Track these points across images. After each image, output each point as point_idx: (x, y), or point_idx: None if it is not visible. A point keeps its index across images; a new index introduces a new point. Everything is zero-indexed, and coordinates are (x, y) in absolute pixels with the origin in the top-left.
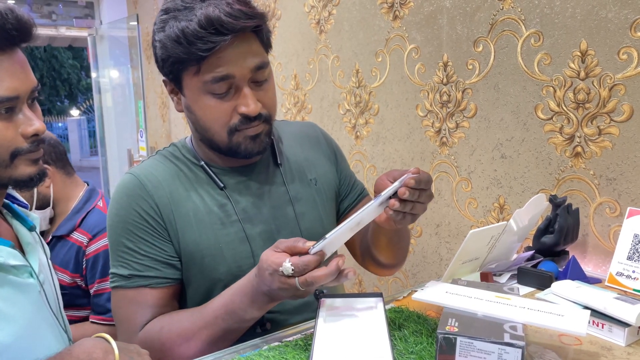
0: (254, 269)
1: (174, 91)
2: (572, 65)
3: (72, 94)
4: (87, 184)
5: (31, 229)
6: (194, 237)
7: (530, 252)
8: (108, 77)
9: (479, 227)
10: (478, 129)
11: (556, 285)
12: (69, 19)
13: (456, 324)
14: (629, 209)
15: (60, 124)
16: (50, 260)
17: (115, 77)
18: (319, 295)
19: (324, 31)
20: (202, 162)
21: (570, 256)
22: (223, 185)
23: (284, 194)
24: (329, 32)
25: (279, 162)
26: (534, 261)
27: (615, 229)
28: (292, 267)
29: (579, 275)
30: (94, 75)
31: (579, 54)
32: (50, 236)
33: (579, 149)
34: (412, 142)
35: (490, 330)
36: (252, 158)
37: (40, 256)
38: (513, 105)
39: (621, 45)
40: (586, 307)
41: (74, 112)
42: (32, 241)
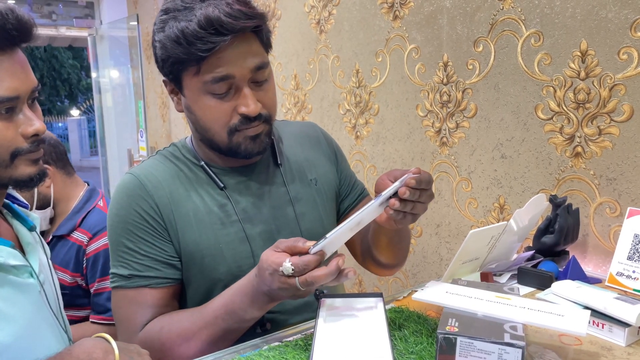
0: (254, 269)
1: (174, 91)
2: (573, 65)
3: (72, 94)
4: (88, 183)
5: (31, 229)
6: (194, 237)
7: (531, 252)
8: (108, 77)
9: (479, 227)
10: (478, 129)
11: (556, 285)
12: (69, 19)
13: (456, 324)
14: (629, 209)
15: (60, 124)
16: (50, 260)
17: (115, 77)
18: (319, 295)
19: (324, 31)
20: (202, 162)
21: (570, 256)
22: (223, 185)
23: (284, 194)
24: (329, 32)
25: (279, 162)
26: (534, 261)
27: (616, 229)
28: (292, 267)
29: (579, 275)
30: (94, 75)
31: (579, 54)
32: (50, 236)
33: (579, 149)
34: (412, 142)
35: (490, 330)
36: (252, 158)
37: (40, 256)
38: (513, 105)
39: (621, 45)
40: (586, 307)
41: (74, 112)
42: (33, 241)
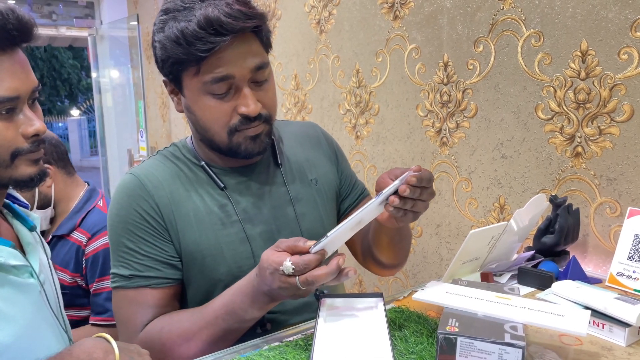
0: (254, 269)
1: (174, 91)
2: (573, 65)
3: (73, 94)
4: (88, 183)
5: (32, 229)
6: (194, 237)
7: (531, 252)
8: (108, 77)
9: (479, 227)
10: (478, 129)
11: (556, 286)
12: (69, 19)
13: (457, 324)
14: (629, 209)
15: (60, 124)
16: (50, 260)
17: (115, 77)
18: (319, 296)
19: (324, 31)
20: (203, 162)
21: (570, 256)
22: (223, 185)
23: (285, 194)
24: (329, 32)
25: (280, 163)
26: (535, 261)
27: (616, 229)
28: (293, 266)
29: (579, 275)
30: (94, 75)
31: (579, 54)
32: (50, 236)
33: (580, 149)
34: (413, 142)
35: (490, 330)
36: (253, 158)
37: (40, 256)
38: (513, 105)
39: (622, 45)
40: (586, 307)
41: (74, 112)
42: (33, 241)
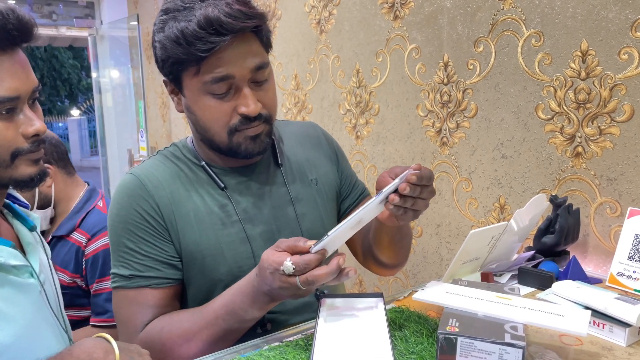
0: (254, 269)
1: (174, 91)
2: (573, 65)
3: (73, 94)
4: (88, 184)
5: (32, 229)
6: (194, 238)
7: (531, 252)
8: (108, 77)
9: (479, 227)
10: (478, 129)
11: (557, 286)
12: (69, 19)
13: (457, 324)
14: (629, 209)
15: (60, 124)
16: (50, 260)
17: (115, 77)
18: (319, 296)
19: (325, 31)
20: (203, 162)
21: (570, 256)
22: (224, 185)
23: (285, 194)
24: (330, 32)
25: (280, 163)
26: (535, 261)
27: (616, 229)
28: (293, 266)
29: (579, 275)
30: (94, 75)
31: (579, 54)
32: (50, 236)
33: (580, 149)
34: (413, 142)
35: (491, 330)
36: (253, 158)
37: (40, 256)
38: (514, 105)
39: (622, 45)
40: (587, 308)
41: (74, 112)
42: (33, 241)
